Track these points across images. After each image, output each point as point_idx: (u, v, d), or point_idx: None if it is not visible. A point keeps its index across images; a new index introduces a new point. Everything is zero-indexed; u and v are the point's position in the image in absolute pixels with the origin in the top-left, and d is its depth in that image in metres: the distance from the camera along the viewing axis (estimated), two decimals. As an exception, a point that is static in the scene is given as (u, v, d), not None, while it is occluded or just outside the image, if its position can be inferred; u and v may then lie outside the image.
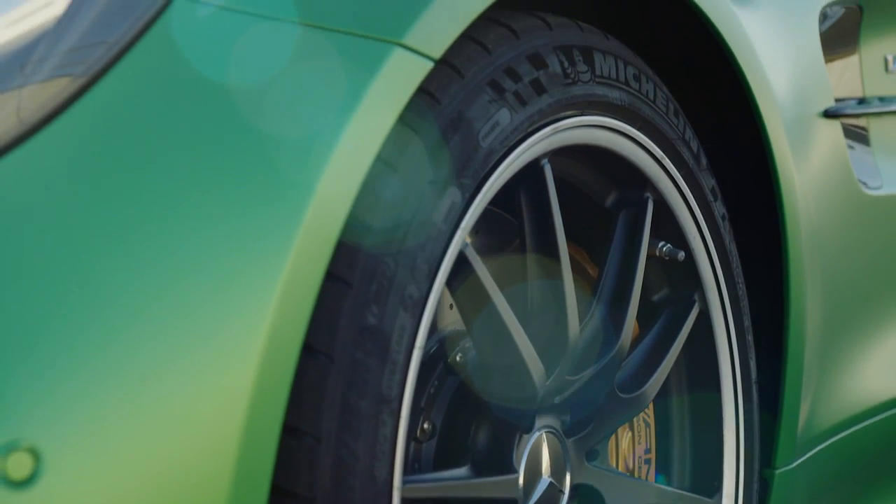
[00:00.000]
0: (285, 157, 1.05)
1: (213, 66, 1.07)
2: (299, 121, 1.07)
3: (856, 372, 1.87)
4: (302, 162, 1.06)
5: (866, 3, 1.89)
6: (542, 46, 1.30)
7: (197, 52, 1.07)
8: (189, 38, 1.07)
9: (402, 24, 1.12)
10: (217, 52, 1.07)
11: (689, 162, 1.48)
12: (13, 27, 1.06)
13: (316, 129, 1.06)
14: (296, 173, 1.05)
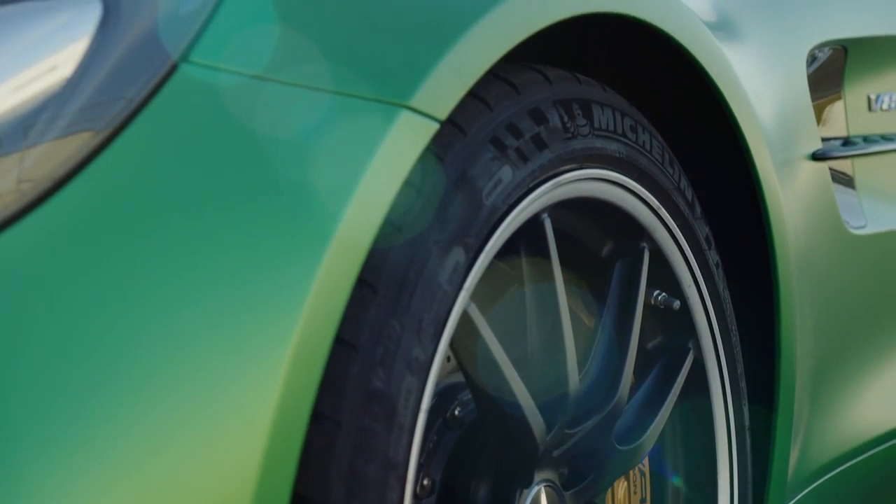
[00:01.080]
0: (295, 221, 1.05)
1: (220, 127, 1.06)
2: (307, 186, 1.06)
3: (845, 410, 1.88)
4: (311, 227, 1.05)
5: (851, 44, 1.90)
6: (542, 101, 1.30)
7: (204, 114, 1.06)
8: (197, 101, 1.06)
9: (409, 86, 1.11)
10: (225, 113, 1.06)
11: (684, 211, 1.48)
12: (19, 92, 1.04)
13: (324, 195, 1.06)
14: (305, 238, 1.04)
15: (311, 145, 1.07)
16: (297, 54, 1.09)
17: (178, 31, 1.07)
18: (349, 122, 1.09)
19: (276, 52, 1.09)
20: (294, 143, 1.07)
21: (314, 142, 1.07)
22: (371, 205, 1.07)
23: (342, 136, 1.08)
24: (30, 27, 1.04)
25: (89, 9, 1.05)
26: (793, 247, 1.65)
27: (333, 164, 1.07)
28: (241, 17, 1.09)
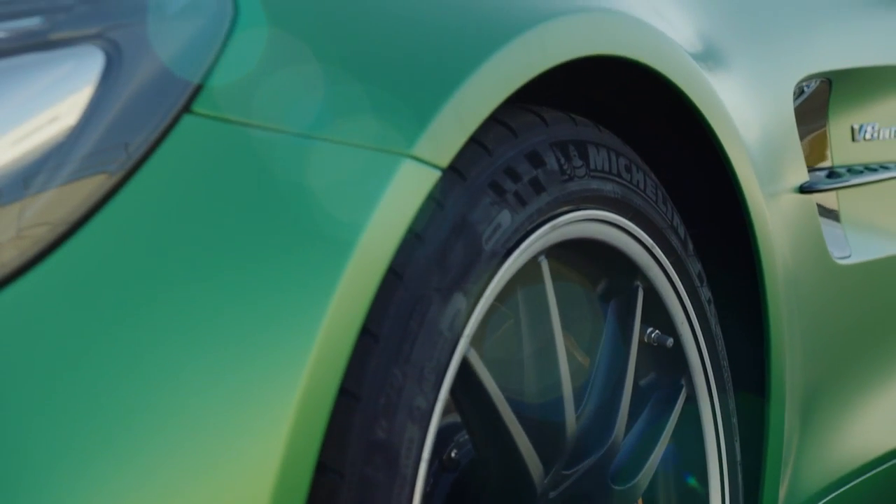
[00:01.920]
0: (300, 272, 1.04)
1: (222, 179, 1.06)
2: (310, 237, 1.05)
3: (834, 439, 1.89)
4: (315, 278, 1.04)
5: (835, 76, 1.91)
6: (539, 144, 1.29)
7: (206, 166, 1.05)
8: (199, 152, 1.05)
9: (411, 134, 1.10)
10: (228, 164, 1.06)
11: (677, 249, 1.48)
12: (23, 141, 1.03)
13: (328, 246, 1.05)
14: (310, 289, 1.04)
15: (313, 196, 1.06)
16: (298, 104, 1.09)
17: (181, 81, 1.06)
18: (352, 173, 1.08)
19: (277, 101, 1.08)
20: (297, 193, 1.06)
21: (317, 192, 1.07)
22: (375, 255, 1.07)
23: (345, 186, 1.07)
24: (32, 79, 1.03)
25: (91, 59, 1.04)
26: (781, 279, 1.65)
27: (337, 215, 1.06)
28: (242, 66, 1.08)
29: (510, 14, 1.24)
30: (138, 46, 1.06)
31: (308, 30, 1.12)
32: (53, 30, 1.04)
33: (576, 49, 1.28)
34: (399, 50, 1.15)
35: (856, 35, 2.00)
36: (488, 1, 1.24)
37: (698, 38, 1.65)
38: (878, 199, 2.02)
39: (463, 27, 1.20)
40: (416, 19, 1.18)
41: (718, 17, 1.70)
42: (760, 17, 1.79)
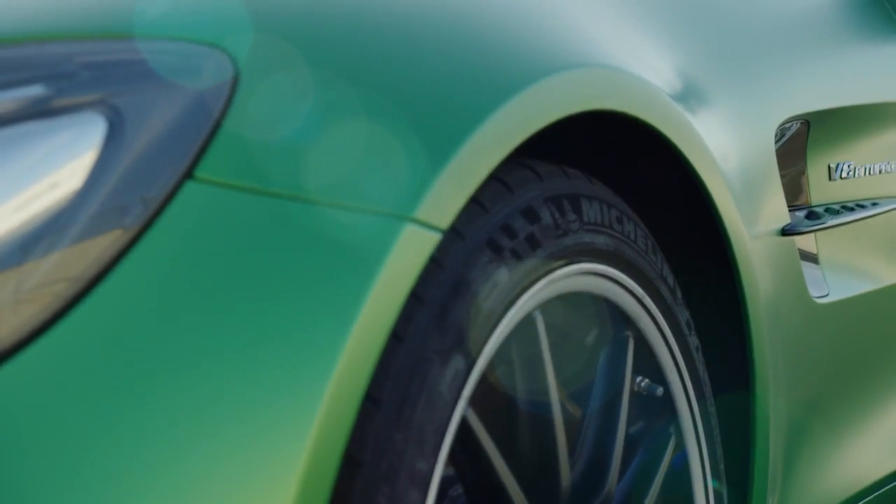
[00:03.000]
0: (303, 339, 1.03)
1: (225, 246, 1.05)
2: (314, 303, 1.04)
3: (819, 471, 1.90)
4: (319, 346, 1.03)
5: (813, 117, 1.92)
6: (534, 199, 1.29)
7: (209, 233, 1.05)
8: (201, 219, 1.05)
9: (412, 198, 1.10)
10: (231, 230, 1.05)
11: (667, 298, 1.49)
12: (29, 205, 1.02)
13: (331, 313, 1.04)
14: (314, 357, 1.03)
15: (316, 262, 1.06)
16: (299, 168, 1.08)
17: (182, 147, 1.05)
18: (354, 238, 1.07)
19: (279, 166, 1.08)
20: (299, 258, 1.06)
21: (319, 259, 1.06)
22: (377, 321, 1.06)
23: (348, 252, 1.07)
24: (35, 146, 1.02)
25: (92, 127, 1.03)
26: (765, 319, 1.66)
27: (340, 281, 1.05)
28: (244, 130, 1.07)
29: (505, 72, 1.24)
30: (140, 113, 1.05)
31: (308, 93, 1.11)
32: (56, 97, 1.03)
33: (572, 105, 1.28)
34: (398, 112, 1.14)
35: (833, 76, 2.01)
36: (482, 59, 1.24)
37: (681, 83, 1.66)
38: (854, 237, 2.03)
39: (460, 87, 1.19)
40: (414, 80, 1.17)
41: (701, 62, 1.70)
42: (741, 61, 1.80)
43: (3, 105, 1.02)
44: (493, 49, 1.26)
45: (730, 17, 1.87)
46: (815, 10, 2.11)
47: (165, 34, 1.10)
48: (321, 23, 1.16)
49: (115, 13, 1.11)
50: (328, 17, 1.17)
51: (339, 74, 1.14)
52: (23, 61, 1.05)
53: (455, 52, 1.22)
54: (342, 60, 1.15)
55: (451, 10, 1.27)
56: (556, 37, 1.37)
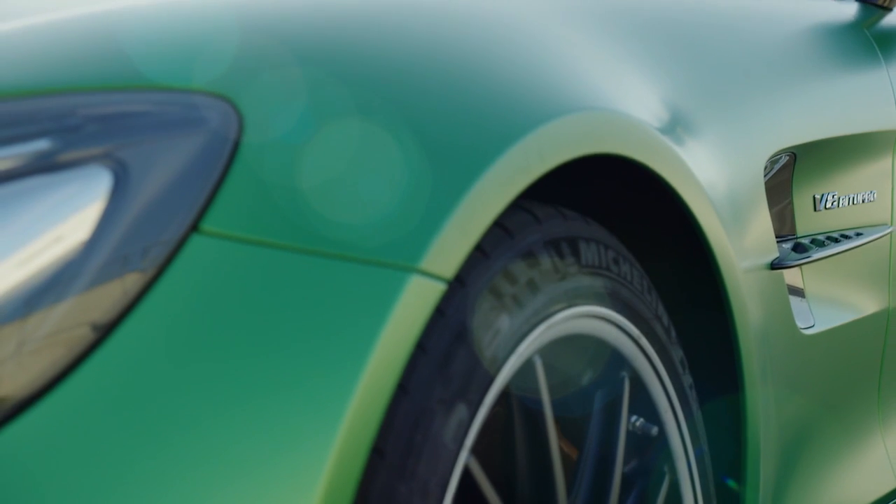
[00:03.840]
0: (311, 393, 1.03)
1: (232, 298, 1.04)
2: (321, 356, 1.04)
3: (810, 496, 1.91)
4: (326, 400, 1.03)
5: (799, 149, 1.93)
6: (533, 243, 1.29)
7: (215, 285, 1.04)
8: (208, 271, 1.04)
9: (417, 248, 1.10)
10: (237, 282, 1.04)
11: (661, 337, 1.49)
12: (29, 263, 1.00)
13: (337, 366, 1.04)
14: (320, 411, 1.02)
15: (323, 312, 1.05)
16: (305, 219, 1.07)
17: (188, 199, 1.04)
18: (360, 289, 1.07)
19: (285, 217, 1.07)
20: (306, 310, 1.05)
21: (326, 308, 1.05)
22: (384, 373, 1.06)
23: (354, 303, 1.06)
24: (40, 200, 1.01)
25: (97, 179, 1.02)
26: (756, 351, 1.67)
27: (346, 334, 1.05)
28: (249, 182, 1.07)
29: (506, 118, 1.23)
30: (144, 166, 1.04)
31: (312, 144, 1.11)
32: (61, 151, 1.02)
33: (573, 150, 1.28)
34: (402, 162, 1.14)
35: (818, 108, 2.02)
36: (482, 106, 1.24)
37: (674, 119, 1.66)
38: (838, 267, 2.04)
39: (462, 135, 1.19)
40: (417, 129, 1.17)
41: (692, 98, 1.70)
42: (731, 95, 1.80)
43: (10, 160, 1.01)
44: (492, 95, 1.25)
45: (719, 50, 1.87)
46: (799, 41, 2.11)
47: (168, 84, 1.09)
48: (324, 70, 1.16)
49: (117, 63, 1.11)
50: (331, 64, 1.17)
51: (343, 124, 1.13)
52: (28, 115, 1.04)
53: (455, 100, 1.22)
54: (346, 110, 1.14)
55: (450, 59, 1.26)
56: (552, 79, 1.36)
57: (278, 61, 1.15)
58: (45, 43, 1.13)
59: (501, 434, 1.36)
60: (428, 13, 1.32)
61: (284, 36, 1.18)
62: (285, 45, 1.16)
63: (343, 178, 1.10)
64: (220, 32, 1.16)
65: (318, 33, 1.19)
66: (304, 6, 1.24)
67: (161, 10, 1.20)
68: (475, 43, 1.33)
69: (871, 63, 2.28)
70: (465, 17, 1.37)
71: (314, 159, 1.10)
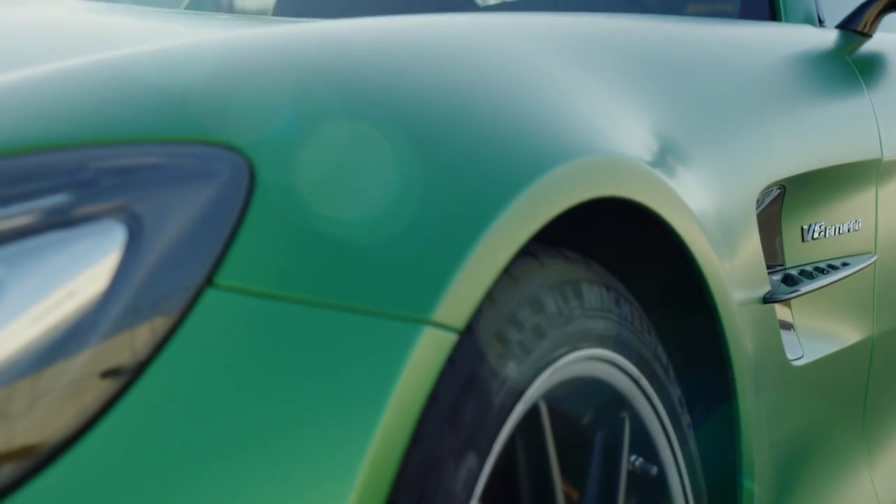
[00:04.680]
0: (326, 448, 1.03)
1: (248, 351, 1.04)
2: (334, 410, 1.03)
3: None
4: (341, 455, 1.03)
5: (788, 182, 1.94)
6: (538, 288, 1.29)
7: (231, 339, 1.03)
8: (223, 325, 1.03)
9: (429, 300, 1.10)
10: (253, 336, 1.04)
11: (661, 377, 1.49)
12: (44, 319, 1.00)
13: (353, 420, 1.03)
14: (335, 467, 1.02)
15: (336, 366, 1.05)
16: (317, 271, 1.07)
17: (202, 252, 1.04)
18: (374, 342, 1.07)
19: (298, 270, 1.06)
20: (319, 364, 1.04)
21: (340, 362, 1.05)
22: (397, 427, 1.05)
23: (368, 357, 1.06)
24: (55, 256, 1.00)
25: (112, 234, 1.02)
26: (749, 384, 1.68)
27: (360, 387, 1.05)
28: (262, 235, 1.06)
29: (512, 166, 1.23)
30: (158, 219, 1.03)
31: (324, 195, 1.10)
32: (75, 206, 1.02)
33: (579, 195, 1.28)
34: (412, 212, 1.14)
35: (806, 139, 2.03)
36: (488, 152, 1.24)
37: (668, 155, 1.66)
38: (824, 298, 2.05)
39: (469, 184, 1.19)
40: (425, 179, 1.16)
41: (685, 133, 1.71)
42: (722, 129, 1.81)
43: (25, 216, 1.00)
44: (497, 141, 1.25)
45: (708, 82, 1.88)
46: (784, 70, 2.12)
47: (179, 136, 1.08)
48: (333, 119, 1.15)
49: (127, 115, 1.10)
50: (340, 113, 1.16)
51: (353, 175, 1.13)
52: (41, 169, 1.03)
53: (461, 148, 1.22)
54: (356, 161, 1.14)
55: (454, 106, 1.26)
56: (553, 121, 1.36)
57: (287, 111, 1.14)
58: (54, 94, 1.12)
59: (505, 477, 1.36)
60: (429, 59, 1.32)
61: (293, 85, 1.17)
62: (294, 95, 1.16)
63: (354, 229, 1.10)
64: (229, 81, 1.15)
65: (326, 82, 1.19)
66: (309, 54, 1.24)
67: (167, 58, 1.20)
68: (477, 87, 1.32)
69: (855, 90, 2.29)
70: (463, 60, 1.37)
71: (325, 211, 1.10)
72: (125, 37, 1.69)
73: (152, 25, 1.96)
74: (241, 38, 1.28)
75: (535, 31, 1.64)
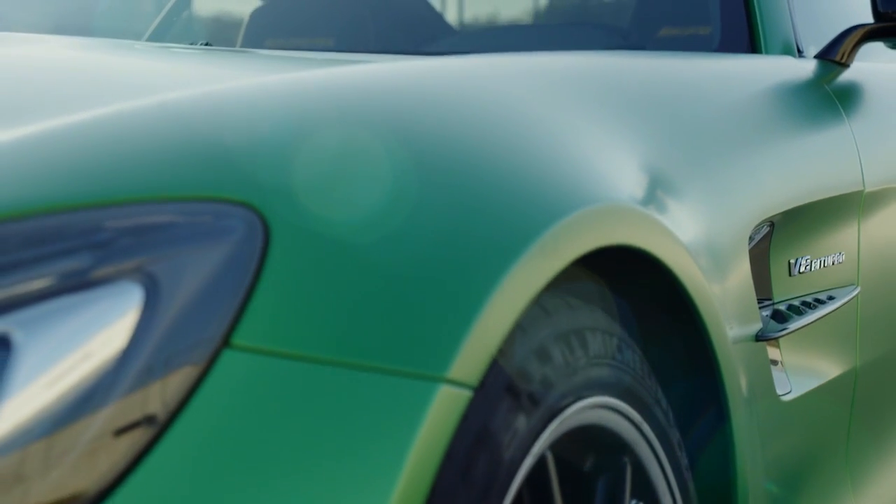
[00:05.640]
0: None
1: (265, 412, 1.03)
2: (352, 469, 1.03)
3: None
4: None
5: (777, 217, 1.94)
6: (545, 338, 1.28)
7: (249, 399, 1.02)
8: (240, 385, 1.02)
9: (444, 357, 1.09)
10: (270, 396, 1.03)
11: (661, 422, 1.49)
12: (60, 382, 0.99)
13: (371, 475, 1.03)
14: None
15: (353, 425, 1.04)
16: (333, 330, 1.06)
17: (217, 312, 1.03)
18: (391, 399, 1.06)
19: (314, 329, 1.06)
20: (336, 424, 1.04)
21: (357, 421, 1.04)
22: (415, 485, 1.05)
23: (385, 415, 1.05)
24: (70, 319, 0.99)
25: (129, 295, 1.01)
26: (743, 419, 1.68)
27: (377, 447, 1.04)
28: (278, 293, 1.05)
29: (520, 220, 1.23)
30: (174, 280, 1.03)
31: (338, 252, 1.10)
32: (93, 268, 1.01)
33: (586, 245, 1.28)
34: (424, 269, 1.13)
35: (794, 174, 2.04)
36: (496, 204, 1.23)
37: (662, 196, 1.67)
38: (811, 332, 2.05)
39: (479, 237, 1.18)
40: (436, 235, 1.16)
41: (678, 173, 1.71)
42: (714, 166, 1.81)
43: (43, 280, 0.99)
44: (504, 194, 1.25)
45: (697, 118, 1.89)
46: (768, 102, 2.13)
47: (193, 194, 1.07)
48: (347, 176, 1.15)
49: (141, 172, 1.09)
50: (354, 171, 1.16)
51: (367, 232, 1.12)
52: (57, 231, 1.02)
53: (468, 201, 1.21)
54: (368, 216, 1.13)
55: (461, 157, 1.26)
56: (553, 171, 1.36)
57: (299, 165, 1.13)
58: (66, 152, 1.11)
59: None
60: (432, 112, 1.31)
61: (304, 138, 1.17)
62: (305, 149, 1.15)
63: (368, 286, 1.09)
64: (241, 136, 1.15)
65: (338, 137, 1.18)
66: (321, 108, 1.23)
67: (174, 112, 1.19)
68: (480, 139, 1.32)
69: (836, 121, 2.30)
70: (465, 111, 1.36)
71: (340, 268, 1.09)
72: (132, 80, 1.67)
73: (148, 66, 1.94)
74: (248, 90, 1.27)
75: (527, 73, 1.64)
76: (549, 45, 2.63)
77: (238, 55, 2.29)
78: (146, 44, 2.42)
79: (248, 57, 2.25)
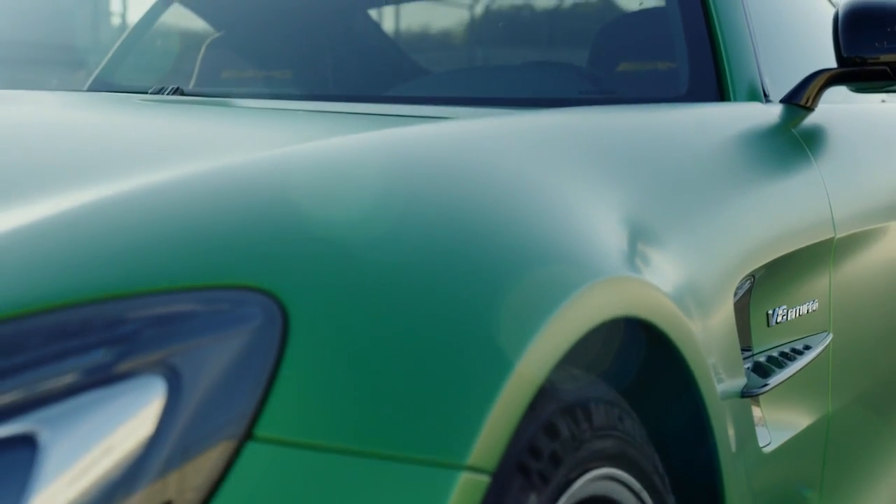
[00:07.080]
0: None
1: (291, 500, 1.02)
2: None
3: None
4: None
5: (758, 270, 1.95)
6: (552, 413, 1.28)
7: (272, 490, 1.01)
8: (265, 476, 1.01)
9: (464, 444, 1.09)
10: (293, 487, 1.02)
11: (659, 489, 1.49)
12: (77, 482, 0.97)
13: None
14: None
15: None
16: (353, 419, 1.05)
17: (239, 404, 1.01)
18: (412, 488, 1.05)
19: (336, 419, 1.05)
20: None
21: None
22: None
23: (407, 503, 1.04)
24: (94, 414, 0.97)
25: (152, 388, 0.99)
26: (731, 472, 1.69)
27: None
28: (299, 383, 1.04)
29: (530, 302, 1.22)
30: (196, 372, 1.01)
31: (358, 338, 1.08)
32: (115, 363, 0.99)
33: (594, 319, 1.28)
34: (441, 355, 1.12)
35: (772, 225, 2.05)
36: (509, 283, 1.23)
37: (651, 256, 1.67)
38: (788, 383, 2.07)
39: (492, 320, 1.17)
40: (453, 320, 1.15)
41: (664, 232, 1.71)
42: (698, 224, 1.82)
43: (67, 376, 0.97)
44: (515, 270, 1.25)
45: (676, 171, 1.89)
46: (740, 150, 2.14)
47: (212, 282, 1.06)
48: (366, 259, 1.14)
49: (161, 261, 1.07)
50: (372, 252, 1.15)
51: (386, 316, 1.11)
52: (79, 325, 1.00)
53: (477, 284, 1.20)
54: (388, 300, 1.12)
55: (469, 245, 1.24)
56: (552, 242, 1.35)
57: (316, 249, 1.12)
58: (79, 240, 1.09)
59: None
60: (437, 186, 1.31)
61: (319, 224, 1.15)
62: (321, 232, 1.14)
63: (388, 373, 1.08)
64: (258, 223, 1.13)
65: (356, 220, 1.17)
66: (335, 191, 1.22)
67: (185, 194, 1.17)
68: (480, 213, 1.31)
69: (806, 167, 2.31)
70: (466, 183, 1.35)
71: (360, 355, 1.08)
72: (136, 146, 1.64)
73: (146, 127, 1.91)
74: (258, 167, 1.25)
75: (512, 135, 1.63)
76: (514, 87, 2.63)
77: (229, 110, 2.24)
78: (142, 97, 2.37)
79: (242, 113, 2.21)
